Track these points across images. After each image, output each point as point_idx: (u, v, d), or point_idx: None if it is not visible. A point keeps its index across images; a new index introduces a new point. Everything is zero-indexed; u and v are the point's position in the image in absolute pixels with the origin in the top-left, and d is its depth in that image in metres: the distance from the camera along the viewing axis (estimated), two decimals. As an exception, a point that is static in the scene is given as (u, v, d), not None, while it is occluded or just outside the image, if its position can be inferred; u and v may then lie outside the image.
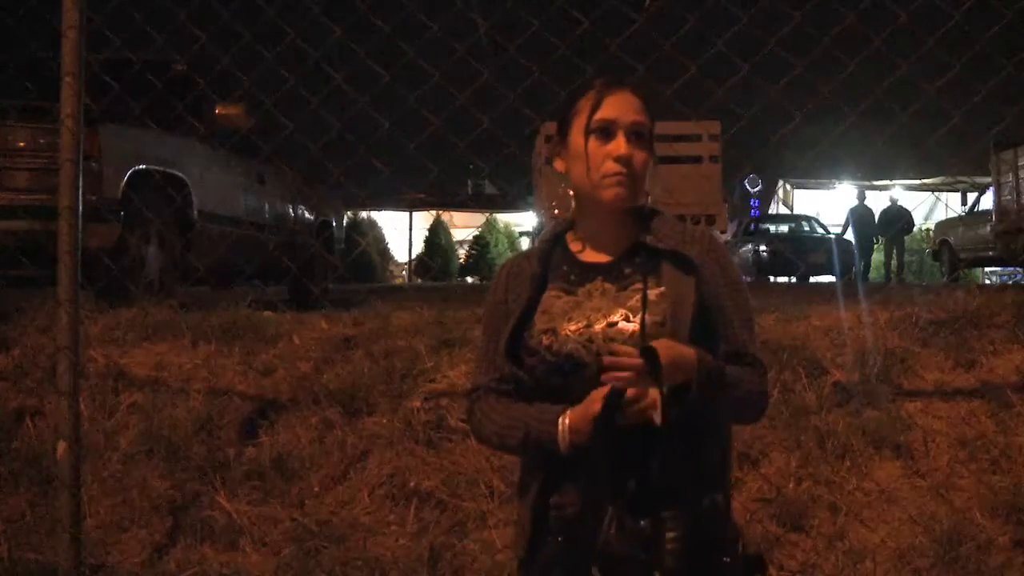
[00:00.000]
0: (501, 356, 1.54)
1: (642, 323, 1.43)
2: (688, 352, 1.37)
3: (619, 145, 1.48)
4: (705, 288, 1.48)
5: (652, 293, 1.46)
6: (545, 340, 1.47)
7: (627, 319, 1.45)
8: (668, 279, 1.48)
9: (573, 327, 1.47)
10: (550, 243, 1.61)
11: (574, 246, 1.59)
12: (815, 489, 2.81)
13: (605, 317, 1.46)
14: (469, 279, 22.29)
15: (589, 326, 1.46)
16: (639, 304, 1.46)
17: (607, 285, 1.51)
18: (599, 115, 1.50)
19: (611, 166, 1.48)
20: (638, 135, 1.50)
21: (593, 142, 1.50)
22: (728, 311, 1.50)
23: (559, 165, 1.58)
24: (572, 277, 1.55)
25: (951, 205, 19.36)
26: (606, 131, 1.49)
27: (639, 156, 1.49)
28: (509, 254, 24.04)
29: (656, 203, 1.59)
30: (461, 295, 6.53)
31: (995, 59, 2.87)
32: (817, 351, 3.31)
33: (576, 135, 1.52)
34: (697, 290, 1.47)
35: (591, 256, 1.56)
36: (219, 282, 5.26)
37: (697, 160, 10.08)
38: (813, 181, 23.20)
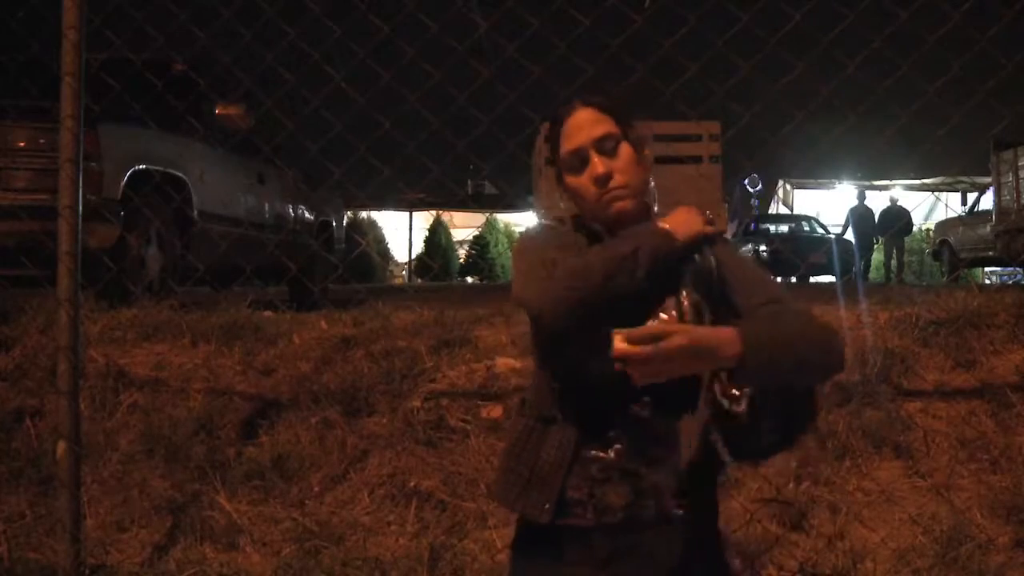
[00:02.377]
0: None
1: (681, 320, 1.42)
2: (724, 332, 1.32)
3: (594, 167, 1.46)
4: (711, 280, 1.47)
5: (684, 300, 1.46)
6: None
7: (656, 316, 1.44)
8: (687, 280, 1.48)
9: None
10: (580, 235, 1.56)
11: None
12: (815, 489, 2.81)
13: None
14: (469, 279, 22.29)
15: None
16: (670, 306, 1.45)
17: None
18: (564, 149, 1.50)
19: (597, 192, 1.47)
20: (609, 146, 1.47)
21: (573, 178, 1.50)
22: (740, 284, 1.47)
23: (566, 198, 1.56)
24: None
25: (951, 205, 19.36)
26: (579, 161, 1.48)
27: (618, 163, 1.47)
28: (509, 254, 24.08)
29: (656, 202, 1.58)
30: (461, 295, 6.53)
31: (995, 59, 2.87)
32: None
33: (561, 171, 1.53)
34: (708, 286, 1.46)
35: None
36: (219, 282, 5.25)
37: (697, 160, 10.07)
38: (813, 181, 23.19)
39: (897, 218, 15.12)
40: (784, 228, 17.57)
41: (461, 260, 23.80)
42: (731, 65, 3.02)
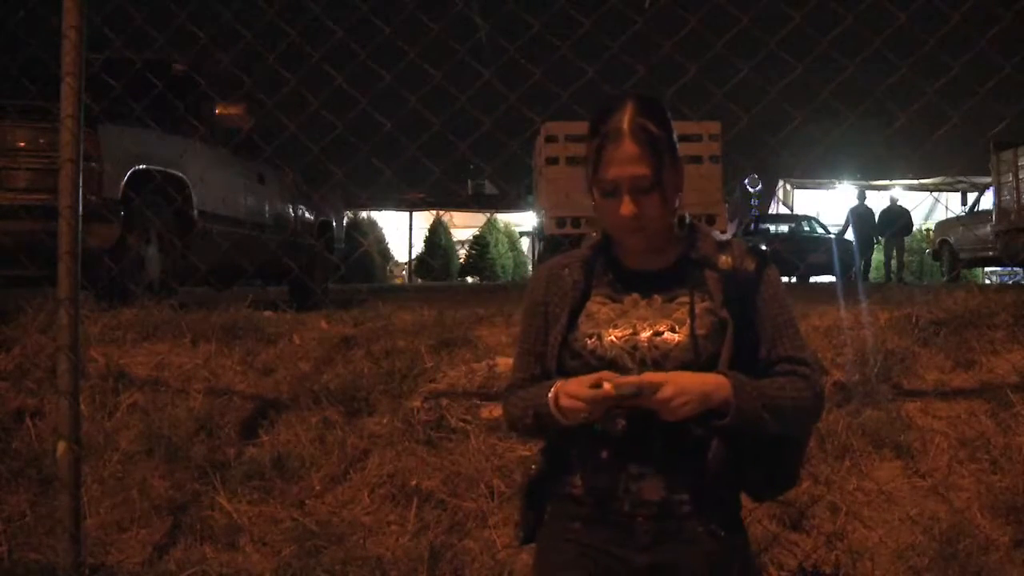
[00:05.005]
0: (532, 356, 1.62)
1: (692, 334, 1.47)
2: (712, 380, 1.42)
3: (625, 206, 1.49)
4: (748, 300, 1.51)
5: (698, 307, 1.50)
6: (590, 344, 1.51)
7: (672, 330, 1.48)
8: (713, 291, 1.51)
9: (618, 334, 1.50)
10: (595, 249, 1.62)
11: (621, 253, 1.60)
12: (815, 489, 2.81)
13: (651, 327, 1.49)
14: (469, 279, 22.29)
15: (635, 334, 1.49)
16: (685, 316, 1.49)
17: (654, 295, 1.54)
18: (601, 174, 1.50)
19: (621, 222, 1.51)
20: (643, 187, 1.49)
21: (603, 200, 1.52)
22: (770, 317, 1.52)
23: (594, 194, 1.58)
24: (618, 285, 1.57)
25: (951, 205, 19.36)
26: (612, 188, 1.50)
27: (647, 204, 1.49)
28: (510, 254, 24.11)
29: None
30: (461, 295, 6.53)
31: (995, 59, 2.87)
32: (817, 351, 3.31)
33: (592, 183, 1.54)
34: (740, 303, 1.50)
35: (638, 264, 1.58)
36: (220, 282, 5.25)
37: (697, 160, 10.07)
38: (813, 181, 23.19)
39: (897, 218, 15.14)
40: (784, 228, 17.57)
41: (461, 260, 23.80)
42: (731, 65, 3.02)
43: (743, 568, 1.53)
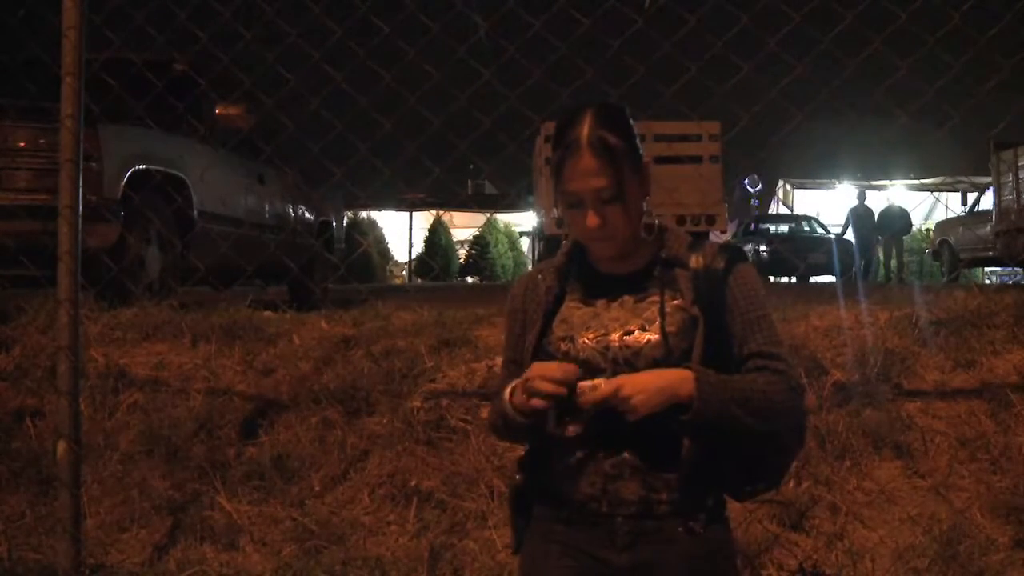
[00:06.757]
0: (514, 364, 1.62)
1: (663, 332, 1.48)
2: (673, 374, 1.43)
3: (590, 218, 1.50)
4: (718, 297, 1.51)
5: (669, 305, 1.51)
6: (563, 347, 1.52)
7: (643, 328, 1.49)
8: (684, 289, 1.52)
9: (591, 335, 1.51)
10: (568, 255, 1.64)
11: (593, 259, 1.62)
12: (815, 489, 2.81)
13: (622, 327, 1.51)
14: (469, 279, 22.31)
15: (606, 335, 1.50)
16: (655, 315, 1.50)
17: (626, 297, 1.55)
18: (564, 187, 1.51)
19: (587, 233, 1.52)
20: (605, 197, 1.49)
21: (568, 211, 1.53)
22: (741, 313, 1.52)
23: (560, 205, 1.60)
24: (591, 289, 1.59)
25: (951, 205, 19.38)
26: (576, 200, 1.51)
27: (612, 213, 1.49)
28: (510, 254, 24.12)
29: (656, 205, 1.59)
30: (462, 295, 6.54)
31: (995, 59, 2.87)
32: (817, 351, 3.31)
33: (557, 195, 1.55)
34: (711, 299, 1.50)
35: (610, 268, 1.60)
36: (220, 282, 5.26)
37: (697, 160, 10.08)
38: (813, 181, 23.22)
39: (897, 218, 15.15)
40: (784, 228, 17.58)
41: (461, 260, 23.81)
42: (731, 65, 3.02)
43: (725, 565, 1.53)
